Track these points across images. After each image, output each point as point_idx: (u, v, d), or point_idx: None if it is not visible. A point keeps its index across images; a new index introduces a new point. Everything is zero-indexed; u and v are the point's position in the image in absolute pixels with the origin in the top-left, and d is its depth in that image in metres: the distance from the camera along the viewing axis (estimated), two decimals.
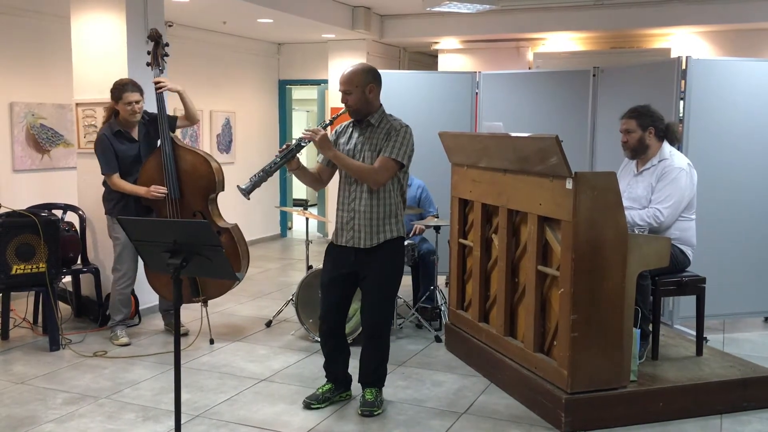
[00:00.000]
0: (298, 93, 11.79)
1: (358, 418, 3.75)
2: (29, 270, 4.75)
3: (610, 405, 3.61)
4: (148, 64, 4.98)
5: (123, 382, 4.24)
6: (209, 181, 4.91)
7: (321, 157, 3.85)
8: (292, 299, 5.23)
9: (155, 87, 4.87)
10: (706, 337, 4.45)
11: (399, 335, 5.19)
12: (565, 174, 3.48)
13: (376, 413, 3.76)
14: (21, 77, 6.21)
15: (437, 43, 9.12)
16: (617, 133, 4.34)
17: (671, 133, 4.28)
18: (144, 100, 4.88)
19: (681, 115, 5.08)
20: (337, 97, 3.88)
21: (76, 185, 5.72)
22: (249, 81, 9.33)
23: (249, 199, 3.77)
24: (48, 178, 6.40)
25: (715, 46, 7.88)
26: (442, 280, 6.09)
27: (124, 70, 5.29)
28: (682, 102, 5.08)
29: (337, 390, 3.93)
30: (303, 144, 3.69)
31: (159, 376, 4.34)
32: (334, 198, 3.98)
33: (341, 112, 3.76)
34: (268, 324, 5.49)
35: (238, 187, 3.66)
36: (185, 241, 2.85)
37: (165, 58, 5.01)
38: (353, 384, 3.99)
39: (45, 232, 4.75)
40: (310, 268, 5.31)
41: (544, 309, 3.83)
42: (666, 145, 4.24)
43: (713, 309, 4.85)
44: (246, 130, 9.22)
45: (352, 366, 3.97)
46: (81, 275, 5.52)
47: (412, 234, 5.43)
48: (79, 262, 5.50)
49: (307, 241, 5.65)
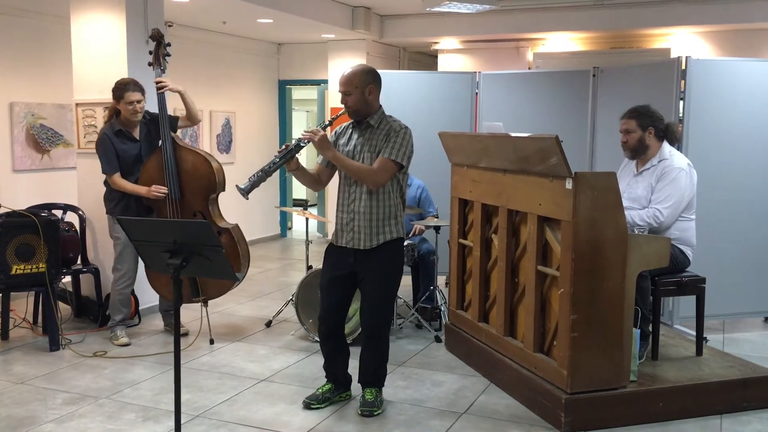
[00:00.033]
0: (297, 93, 11.79)
1: (358, 418, 3.75)
2: (29, 270, 4.75)
3: (610, 405, 3.61)
4: (150, 64, 4.97)
5: (123, 382, 4.24)
6: (210, 181, 4.91)
7: (320, 157, 3.85)
8: (292, 299, 5.24)
9: (156, 87, 4.87)
10: (706, 337, 4.45)
11: (399, 335, 5.19)
12: (565, 174, 3.48)
13: (376, 413, 3.76)
14: (21, 77, 6.21)
15: (437, 43, 9.12)
16: (617, 133, 4.33)
17: (671, 133, 4.28)
18: (145, 100, 4.88)
19: (681, 115, 5.07)
20: (337, 97, 3.88)
21: (76, 185, 5.72)
22: (249, 81, 9.32)
23: (248, 198, 3.77)
24: (48, 178, 6.40)
25: (715, 46, 7.88)
26: (442, 280, 6.08)
27: (124, 70, 5.30)
28: (681, 102, 5.08)
29: (336, 390, 3.93)
30: (302, 144, 3.68)
31: (159, 376, 4.34)
32: (334, 198, 3.98)
33: (341, 113, 3.75)
34: (268, 324, 5.49)
35: (237, 186, 3.66)
36: (185, 241, 2.85)
37: (166, 58, 5.01)
38: (353, 384, 3.99)
39: (45, 232, 4.75)
40: (309, 268, 5.32)
41: (543, 309, 3.83)
42: (666, 145, 4.23)
43: (713, 309, 4.85)
44: (246, 130, 9.22)
45: (351, 366, 3.97)
46: (81, 275, 5.52)
47: (411, 234, 5.43)
48: (79, 262, 5.50)
49: (307, 241, 5.65)
